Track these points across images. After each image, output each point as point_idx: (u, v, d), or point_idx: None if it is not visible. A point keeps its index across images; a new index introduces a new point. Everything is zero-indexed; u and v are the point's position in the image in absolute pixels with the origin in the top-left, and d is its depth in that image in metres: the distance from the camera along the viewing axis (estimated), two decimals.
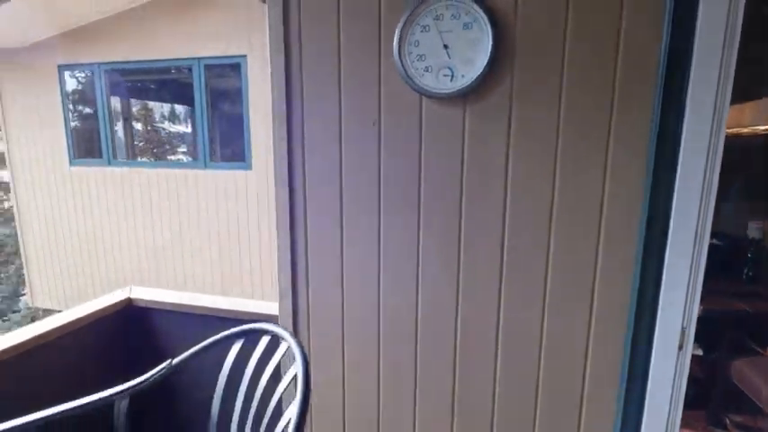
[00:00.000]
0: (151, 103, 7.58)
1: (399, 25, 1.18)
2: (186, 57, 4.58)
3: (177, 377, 0.94)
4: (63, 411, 0.77)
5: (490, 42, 1.12)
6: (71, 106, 5.23)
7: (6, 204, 13.39)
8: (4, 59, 5.20)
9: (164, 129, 8.49)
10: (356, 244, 1.35)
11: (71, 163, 5.19)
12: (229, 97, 5.01)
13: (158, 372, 0.89)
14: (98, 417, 0.82)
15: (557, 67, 1.10)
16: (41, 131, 5.23)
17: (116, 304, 1.71)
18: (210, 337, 1.02)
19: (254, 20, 4.29)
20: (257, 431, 0.77)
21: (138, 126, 7.26)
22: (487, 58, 1.13)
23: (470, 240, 1.24)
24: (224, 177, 4.70)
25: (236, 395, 0.85)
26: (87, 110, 5.31)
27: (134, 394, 0.87)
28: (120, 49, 4.76)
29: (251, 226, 4.65)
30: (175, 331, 1.73)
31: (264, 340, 0.86)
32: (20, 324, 12.49)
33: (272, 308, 1.63)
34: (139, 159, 6.07)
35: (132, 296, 1.74)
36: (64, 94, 5.09)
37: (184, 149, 8.04)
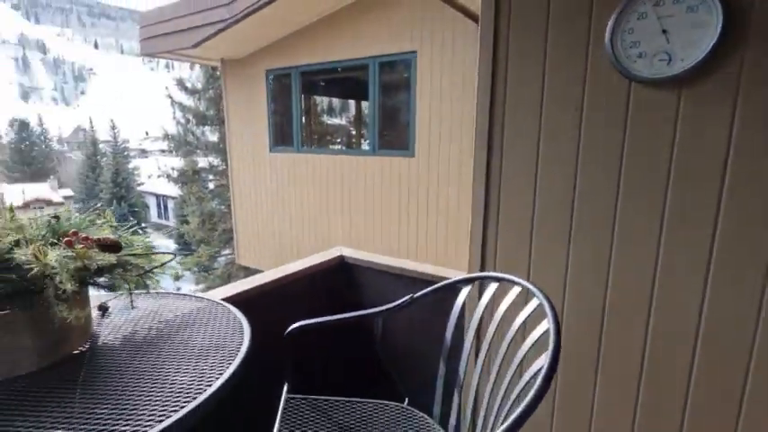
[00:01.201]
0: (326, 98, 8.70)
1: (614, 15, 1.25)
2: (364, 56, 5.17)
3: (410, 311, 1.23)
4: (350, 317, 1.12)
5: (719, 25, 1.11)
6: (272, 103, 6.38)
7: (211, 185, 17.01)
8: (230, 68, 6.63)
9: (331, 121, 9.70)
10: (546, 234, 1.46)
11: (270, 149, 6.38)
12: (397, 90, 5.49)
13: (404, 301, 1.19)
14: (362, 327, 1.14)
15: None
16: (251, 124, 6.54)
17: (332, 259, 2.16)
18: (401, 292, 1.28)
19: (426, 17, 4.60)
20: (492, 359, 0.98)
21: (316, 118, 8.42)
22: (713, 42, 1.12)
23: (671, 238, 1.24)
24: (389, 162, 5.21)
25: (463, 331, 1.09)
26: (282, 106, 6.42)
27: (385, 316, 1.19)
28: (312, 53, 5.63)
29: (410, 205, 5.08)
30: (375, 285, 2.11)
31: (491, 288, 1.08)
32: (220, 277, 15.82)
33: (455, 275, 1.87)
34: (318, 147, 7.06)
35: (344, 254, 2.18)
36: (268, 93, 6.26)
37: (350, 138, 9.03)
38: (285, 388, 1.21)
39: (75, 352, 0.90)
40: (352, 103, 9.25)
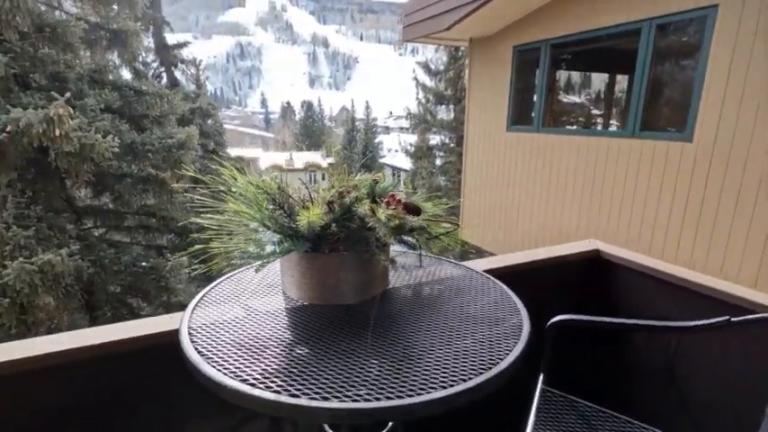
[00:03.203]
0: (566, 75, 7.89)
1: None
2: (636, 20, 4.37)
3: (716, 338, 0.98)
4: (630, 324, 0.97)
5: None
6: (515, 81, 6.19)
7: (439, 161, 18.07)
8: (477, 47, 6.75)
9: (568, 98, 8.76)
10: None
11: (507, 128, 6.26)
12: (675, 58, 4.46)
13: (716, 322, 0.95)
14: (637, 337, 0.96)
15: None
16: (491, 102, 6.54)
17: (586, 252, 1.95)
18: (673, 306, 0.97)
19: None
20: None
21: (557, 96, 7.76)
22: None
23: None
24: (652, 147, 4.34)
25: None
26: (525, 83, 6.14)
27: (683, 330, 0.98)
28: (569, 22, 5.11)
29: (676, 202, 4.14)
30: (638, 290, 1.80)
31: None
32: (438, 252, 17.08)
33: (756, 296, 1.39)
34: (559, 127, 6.51)
35: (600, 248, 1.94)
36: (512, 71, 6.09)
37: (591, 117, 8.00)
38: (540, 378, 1.16)
39: (376, 294, 1.07)
40: (595, 78, 8.22)
